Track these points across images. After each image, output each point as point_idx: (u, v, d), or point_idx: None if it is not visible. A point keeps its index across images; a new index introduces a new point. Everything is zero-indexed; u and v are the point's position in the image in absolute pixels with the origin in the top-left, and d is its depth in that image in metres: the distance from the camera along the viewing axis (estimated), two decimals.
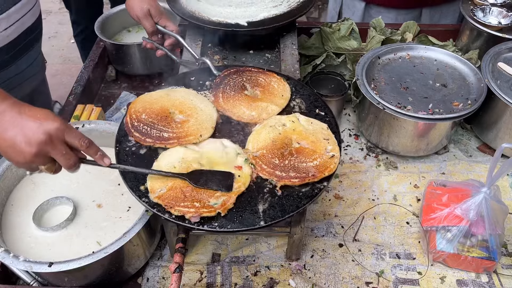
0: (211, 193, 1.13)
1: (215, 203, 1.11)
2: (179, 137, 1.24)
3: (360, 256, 1.45)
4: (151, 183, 1.15)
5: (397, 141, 1.68)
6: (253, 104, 1.36)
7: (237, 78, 1.44)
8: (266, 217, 1.10)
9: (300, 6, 1.70)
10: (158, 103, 1.32)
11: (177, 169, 1.17)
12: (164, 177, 1.15)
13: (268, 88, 1.41)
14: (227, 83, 1.42)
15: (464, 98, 1.65)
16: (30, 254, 1.26)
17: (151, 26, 1.63)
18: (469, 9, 1.94)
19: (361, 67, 1.74)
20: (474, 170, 1.71)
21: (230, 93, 1.39)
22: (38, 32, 1.75)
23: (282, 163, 1.20)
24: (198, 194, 1.13)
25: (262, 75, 1.46)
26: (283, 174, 1.18)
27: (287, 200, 1.14)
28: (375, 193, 1.64)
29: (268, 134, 1.27)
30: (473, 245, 1.37)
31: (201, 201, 1.11)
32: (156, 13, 1.62)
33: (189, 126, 1.26)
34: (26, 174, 1.46)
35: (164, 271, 1.41)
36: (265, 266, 1.42)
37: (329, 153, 1.24)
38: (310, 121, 1.34)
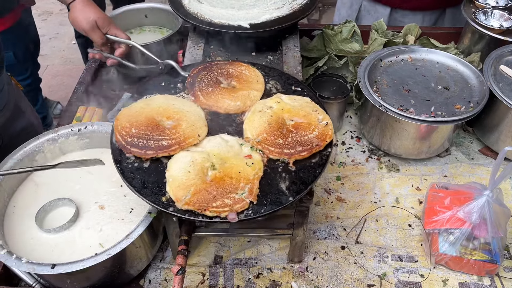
0: (233, 185, 1.14)
1: (242, 193, 1.13)
2: (179, 141, 1.22)
3: (362, 258, 1.45)
4: (174, 192, 1.13)
5: (399, 144, 1.68)
6: (235, 94, 1.36)
7: (209, 73, 1.42)
8: (292, 193, 1.14)
9: (302, 8, 1.71)
10: (142, 114, 1.27)
11: (192, 173, 1.15)
12: (184, 183, 1.14)
13: (242, 77, 1.42)
14: (200, 80, 1.40)
15: (466, 101, 1.65)
16: (32, 255, 1.26)
17: (100, 38, 1.56)
18: (471, 12, 1.94)
19: (363, 69, 1.74)
20: (476, 173, 1.71)
21: (208, 89, 1.37)
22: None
23: (286, 141, 1.24)
24: (223, 189, 1.13)
25: (231, 66, 1.45)
26: (291, 151, 1.22)
27: (303, 173, 1.19)
28: (377, 196, 1.64)
29: (261, 119, 1.29)
30: (475, 248, 1.37)
31: (230, 197, 1.12)
32: (104, 24, 1.55)
33: (184, 129, 1.25)
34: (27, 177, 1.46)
35: (166, 273, 1.41)
36: (267, 269, 1.42)
37: (322, 122, 1.30)
38: (293, 98, 1.38)
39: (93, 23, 1.53)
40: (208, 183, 1.15)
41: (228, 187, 1.14)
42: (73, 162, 1.35)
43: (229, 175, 1.16)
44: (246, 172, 1.17)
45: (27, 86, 3.09)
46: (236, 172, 1.17)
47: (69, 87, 4.09)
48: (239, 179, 1.15)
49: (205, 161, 1.19)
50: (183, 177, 1.15)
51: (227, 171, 1.17)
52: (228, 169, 1.17)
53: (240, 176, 1.16)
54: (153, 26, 2.20)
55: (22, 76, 3.01)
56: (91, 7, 1.56)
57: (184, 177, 1.14)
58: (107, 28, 1.56)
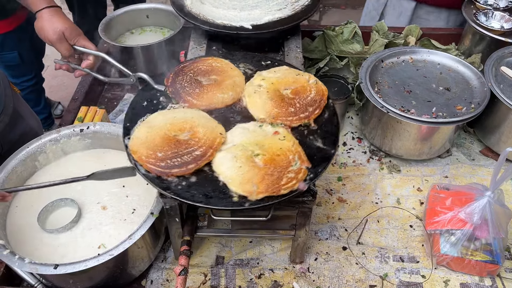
0: (285, 160, 1.17)
1: (295, 163, 1.17)
2: (210, 146, 1.19)
3: (364, 259, 1.45)
4: (242, 188, 1.12)
5: (400, 145, 1.69)
6: (222, 86, 1.35)
7: (184, 77, 1.37)
8: (330, 145, 1.25)
9: (304, 10, 1.71)
10: (155, 136, 1.21)
11: (243, 167, 1.15)
12: (244, 177, 1.13)
13: (216, 69, 1.40)
14: (182, 86, 1.35)
15: (467, 102, 1.65)
16: (35, 256, 1.26)
17: (67, 50, 1.46)
18: (472, 13, 1.94)
19: (364, 70, 1.75)
20: (477, 174, 1.71)
21: (195, 91, 1.34)
22: None
23: (297, 107, 1.30)
24: (280, 167, 1.15)
25: (199, 64, 1.42)
26: (306, 113, 1.29)
27: (325, 127, 1.29)
28: (379, 196, 1.64)
29: (261, 99, 1.31)
30: (476, 248, 1.37)
31: (289, 171, 1.15)
32: (71, 35, 1.45)
33: (204, 134, 1.22)
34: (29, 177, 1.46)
35: (168, 274, 1.41)
36: (269, 269, 1.42)
37: (311, 81, 1.38)
38: (273, 71, 1.41)
39: (60, 34, 1.43)
40: (263, 168, 1.15)
41: (281, 163, 1.16)
42: (105, 172, 1.30)
43: (275, 153, 1.18)
44: (285, 146, 1.20)
45: (31, 86, 3.10)
46: (277, 148, 1.19)
47: (69, 88, 4.09)
48: (286, 153, 1.18)
49: (245, 152, 1.19)
50: (239, 172, 1.14)
51: (270, 152, 1.19)
52: (270, 150, 1.19)
53: (284, 151, 1.19)
54: (155, 26, 2.20)
55: (26, 76, 3.02)
56: (59, 17, 1.46)
57: (240, 172, 1.14)
58: (75, 39, 1.47)
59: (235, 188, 1.13)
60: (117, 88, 2.08)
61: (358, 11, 5.03)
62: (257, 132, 1.25)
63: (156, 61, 1.99)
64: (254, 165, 1.16)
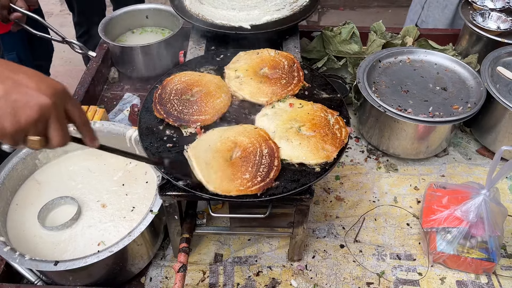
0: (324, 122, 1.28)
1: (329, 117, 1.30)
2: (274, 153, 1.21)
3: (361, 257, 1.46)
4: (319, 157, 1.21)
5: (397, 144, 1.70)
6: (212, 93, 1.33)
7: (173, 102, 1.31)
8: (332, 92, 1.43)
9: (303, 10, 1.73)
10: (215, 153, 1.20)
11: (306, 143, 1.23)
12: (311, 149, 1.21)
13: (190, 82, 1.36)
14: (180, 111, 1.29)
15: (463, 102, 1.67)
16: (35, 253, 1.27)
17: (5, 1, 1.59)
18: (469, 14, 1.96)
19: (362, 70, 1.76)
20: (473, 173, 1.73)
21: (195, 108, 1.29)
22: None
23: (285, 78, 1.42)
24: (326, 126, 1.27)
25: (170, 85, 1.36)
26: (296, 78, 1.43)
27: (315, 81, 1.46)
28: (376, 195, 1.65)
29: (251, 86, 1.38)
30: (472, 246, 1.39)
31: (333, 124, 1.29)
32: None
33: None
34: (29, 175, 1.47)
35: (167, 271, 1.42)
36: (267, 267, 1.43)
37: (272, 53, 1.49)
38: (236, 60, 1.47)
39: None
40: (316, 135, 1.25)
41: (323, 123, 1.28)
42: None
43: (310, 119, 1.28)
44: (309, 109, 1.31)
45: None
46: (307, 114, 1.30)
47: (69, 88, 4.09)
48: (317, 114, 1.30)
49: (291, 131, 1.26)
50: (307, 149, 1.22)
51: (306, 120, 1.28)
52: (304, 118, 1.28)
53: (313, 114, 1.30)
54: (155, 27, 2.22)
55: None
56: None
57: (308, 149, 1.22)
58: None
59: (314, 160, 1.20)
60: (116, 88, 2.10)
61: (357, 13, 5.06)
62: (278, 113, 1.31)
63: (156, 61, 2.00)
64: (309, 137, 1.24)
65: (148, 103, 1.35)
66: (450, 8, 2.36)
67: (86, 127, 0.91)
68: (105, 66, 2.10)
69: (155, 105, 1.31)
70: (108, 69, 2.12)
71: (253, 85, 1.37)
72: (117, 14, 2.15)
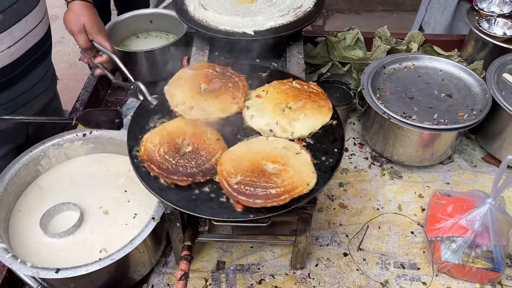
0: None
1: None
2: (288, 191, 1.13)
3: (364, 265, 1.45)
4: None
5: (402, 151, 1.69)
6: (199, 133, 1.28)
7: (169, 160, 1.21)
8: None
9: (307, 16, 1.71)
10: (246, 159, 1.20)
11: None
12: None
13: (167, 133, 1.28)
14: (184, 166, 1.19)
15: (469, 109, 1.65)
16: (37, 260, 1.27)
17: (84, 42, 1.56)
18: (475, 20, 1.95)
19: (366, 76, 1.75)
20: (478, 181, 1.71)
21: (205, 155, 1.22)
22: (47, 48, 1.67)
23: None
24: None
25: (148, 145, 1.25)
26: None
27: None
28: (380, 203, 1.64)
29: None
30: (478, 256, 1.37)
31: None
32: (92, 30, 1.54)
33: (291, 177, 1.16)
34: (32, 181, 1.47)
35: (169, 278, 1.41)
36: (269, 275, 1.42)
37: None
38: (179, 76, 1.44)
39: (81, 26, 1.53)
40: (304, 90, 1.42)
41: (301, 91, 1.40)
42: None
43: (287, 91, 1.39)
44: (279, 88, 1.40)
45: None
46: (282, 90, 1.39)
47: (74, 91, 4.10)
48: (287, 89, 1.40)
49: (283, 107, 1.36)
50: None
51: (286, 94, 1.38)
52: (284, 94, 1.37)
53: (285, 89, 1.40)
54: (159, 31, 2.22)
55: None
56: (87, 10, 1.56)
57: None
58: (94, 35, 1.55)
59: (326, 117, 1.34)
60: (120, 93, 2.10)
61: (362, 16, 5.05)
62: (258, 108, 1.35)
63: (159, 66, 2.00)
64: (303, 106, 1.35)
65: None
66: (448, 10, 2.36)
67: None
68: (109, 70, 2.09)
69: (152, 168, 1.19)
70: (112, 74, 2.11)
71: (210, 104, 1.34)
72: (121, 18, 2.15)
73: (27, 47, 1.53)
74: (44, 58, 1.67)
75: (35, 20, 1.52)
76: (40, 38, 1.58)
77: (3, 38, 1.41)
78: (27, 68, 1.57)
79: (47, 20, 1.64)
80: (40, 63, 1.65)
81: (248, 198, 1.12)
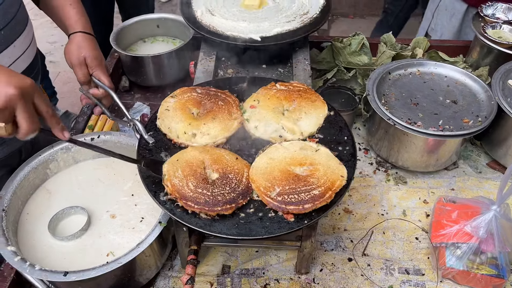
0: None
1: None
2: (329, 187, 1.17)
3: (369, 270, 1.46)
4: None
5: (406, 156, 1.69)
6: (220, 162, 1.26)
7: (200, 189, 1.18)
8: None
9: (313, 22, 1.73)
10: (274, 168, 1.22)
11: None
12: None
13: (184, 163, 1.26)
14: (206, 195, 1.17)
15: (474, 115, 1.66)
16: (45, 262, 1.28)
17: (83, 76, 1.49)
18: (480, 26, 1.95)
19: (372, 82, 1.76)
20: (483, 187, 1.71)
21: (233, 182, 1.21)
22: (36, 73, 1.57)
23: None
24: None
25: (173, 176, 1.23)
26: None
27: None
28: (384, 208, 1.65)
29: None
30: (482, 262, 1.37)
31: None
32: (92, 63, 1.49)
33: (325, 173, 1.20)
34: (40, 184, 1.49)
35: (175, 282, 1.42)
36: (274, 279, 1.43)
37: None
38: (165, 107, 1.40)
39: (82, 60, 1.47)
40: (292, 90, 1.46)
41: (291, 92, 1.45)
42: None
43: (276, 94, 1.42)
44: (267, 93, 1.43)
45: None
46: (272, 95, 1.42)
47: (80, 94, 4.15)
48: (276, 93, 1.44)
49: (281, 111, 1.41)
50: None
51: (278, 97, 1.42)
52: (276, 99, 1.41)
53: (273, 94, 1.43)
54: (166, 36, 2.24)
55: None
56: (88, 43, 1.51)
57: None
58: (94, 68, 1.50)
59: (324, 112, 1.40)
60: (127, 97, 2.12)
61: (367, 21, 5.06)
62: (259, 119, 1.36)
63: (166, 71, 2.02)
64: (298, 106, 1.40)
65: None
66: (457, 16, 2.37)
67: (53, 119, 1.05)
68: (116, 75, 2.12)
69: (189, 206, 1.16)
70: (119, 78, 2.14)
71: (211, 127, 1.33)
72: (128, 23, 2.17)
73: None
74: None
75: (23, 46, 1.45)
76: (29, 64, 1.51)
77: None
78: None
79: (34, 45, 1.57)
80: None
81: (297, 206, 1.14)
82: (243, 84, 1.50)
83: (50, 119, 1.05)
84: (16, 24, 1.40)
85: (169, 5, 5.52)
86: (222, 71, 1.71)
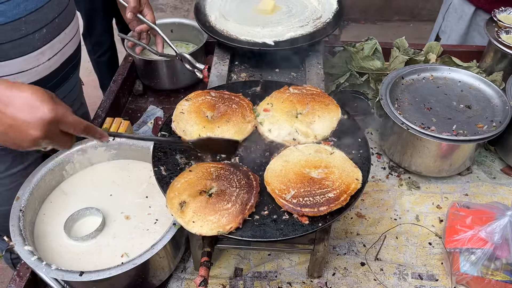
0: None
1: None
2: (344, 190, 1.18)
3: (382, 275, 1.45)
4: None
5: (420, 161, 1.69)
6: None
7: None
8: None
9: (326, 27, 1.74)
10: (289, 171, 1.23)
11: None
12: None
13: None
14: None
15: (488, 120, 1.65)
16: (60, 262, 1.30)
17: (135, 8, 1.64)
18: (494, 31, 1.95)
19: (385, 87, 1.76)
20: (498, 193, 1.70)
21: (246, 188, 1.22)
22: (78, 60, 1.75)
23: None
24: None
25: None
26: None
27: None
28: (397, 213, 1.64)
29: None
30: (497, 268, 1.36)
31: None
32: (143, 1, 1.66)
33: (340, 176, 1.21)
34: (56, 186, 1.51)
35: (188, 284, 1.43)
36: (287, 282, 1.43)
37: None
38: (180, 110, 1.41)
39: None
40: (304, 93, 1.48)
41: (304, 96, 1.46)
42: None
43: (290, 98, 1.43)
44: (281, 97, 1.43)
45: None
46: (286, 99, 1.43)
47: (92, 97, 4.17)
48: (290, 96, 1.44)
49: (295, 114, 1.41)
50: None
51: (291, 101, 1.42)
52: (289, 102, 1.41)
53: (288, 98, 1.44)
54: (179, 41, 2.26)
55: None
56: None
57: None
58: (143, 6, 1.67)
59: (338, 114, 1.41)
60: (140, 100, 2.14)
61: (378, 26, 5.06)
62: (273, 122, 1.38)
63: (180, 75, 2.04)
64: (311, 110, 1.41)
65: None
66: (464, 19, 2.36)
67: (87, 131, 1.07)
68: (130, 78, 2.15)
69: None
70: (132, 82, 2.17)
71: (225, 130, 1.34)
72: None
73: (63, 59, 1.60)
74: (75, 69, 1.75)
75: (71, 33, 1.60)
76: (74, 50, 1.66)
77: (45, 50, 1.48)
78: (60, 80, 1.64)
79: (79, 34, 1.72)
80: (72, 74, 1.73)
81: (312, 208, 1.15)
82: (257, 88, 1.51)
83: (83, 134, 1.07)
84: (67, 14, 1.56)
85: (181, 10, 5.58)
86: (235, 75, 1.73)
